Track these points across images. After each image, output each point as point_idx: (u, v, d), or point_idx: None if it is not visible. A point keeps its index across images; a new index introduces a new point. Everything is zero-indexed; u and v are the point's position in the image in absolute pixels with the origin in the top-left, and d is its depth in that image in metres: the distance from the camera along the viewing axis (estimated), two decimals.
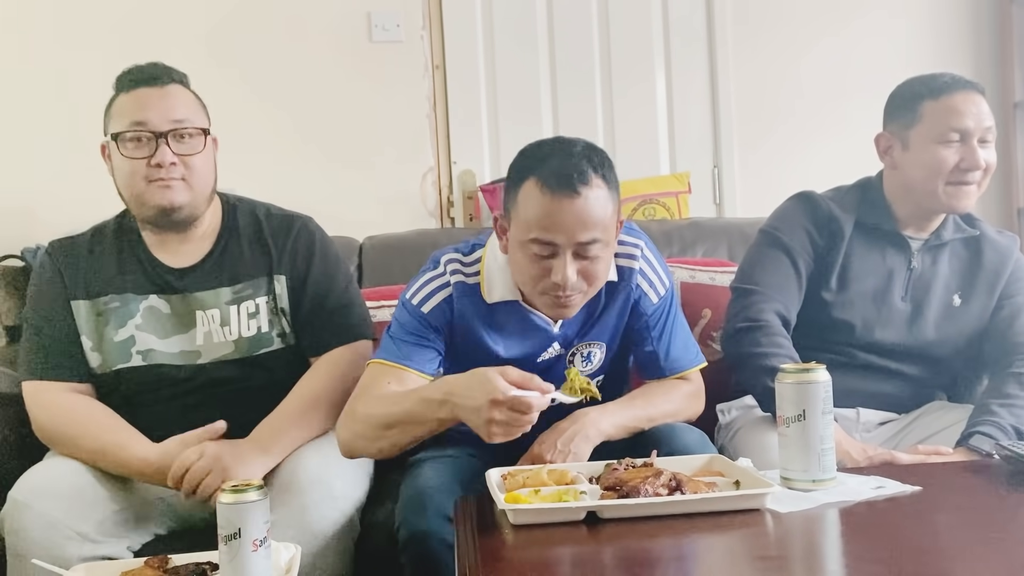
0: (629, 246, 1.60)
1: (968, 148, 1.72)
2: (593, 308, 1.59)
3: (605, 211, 1.43)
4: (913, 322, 1.81)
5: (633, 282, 1.59)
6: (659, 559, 1.18)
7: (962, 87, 1.74)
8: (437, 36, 2.85)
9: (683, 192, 2.72)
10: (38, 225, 2.55)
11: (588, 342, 1.61)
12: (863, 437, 1.79)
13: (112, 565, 1.36)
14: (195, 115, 1.66)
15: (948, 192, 1.74)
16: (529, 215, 1.42)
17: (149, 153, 1.60)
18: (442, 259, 1.58)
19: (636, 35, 2.91)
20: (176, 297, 1.68)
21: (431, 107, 2.84)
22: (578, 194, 1.40)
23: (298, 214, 1.80)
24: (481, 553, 1.16)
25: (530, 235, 1.42)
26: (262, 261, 1.72)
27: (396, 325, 1.57)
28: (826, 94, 2.91)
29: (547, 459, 1.47)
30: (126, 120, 1.61)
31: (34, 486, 1.49)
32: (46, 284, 1.69)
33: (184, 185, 1.63)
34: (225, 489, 1.17)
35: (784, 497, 1.29)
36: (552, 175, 1.41)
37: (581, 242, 1.42)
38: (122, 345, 1.66)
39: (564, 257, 1.42)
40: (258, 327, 1.70)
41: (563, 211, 1.40)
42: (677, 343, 1.64)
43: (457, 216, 2.85)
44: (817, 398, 1.34)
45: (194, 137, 1.64)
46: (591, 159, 1.44)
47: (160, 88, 1.63)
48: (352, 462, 1.61)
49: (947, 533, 1.23)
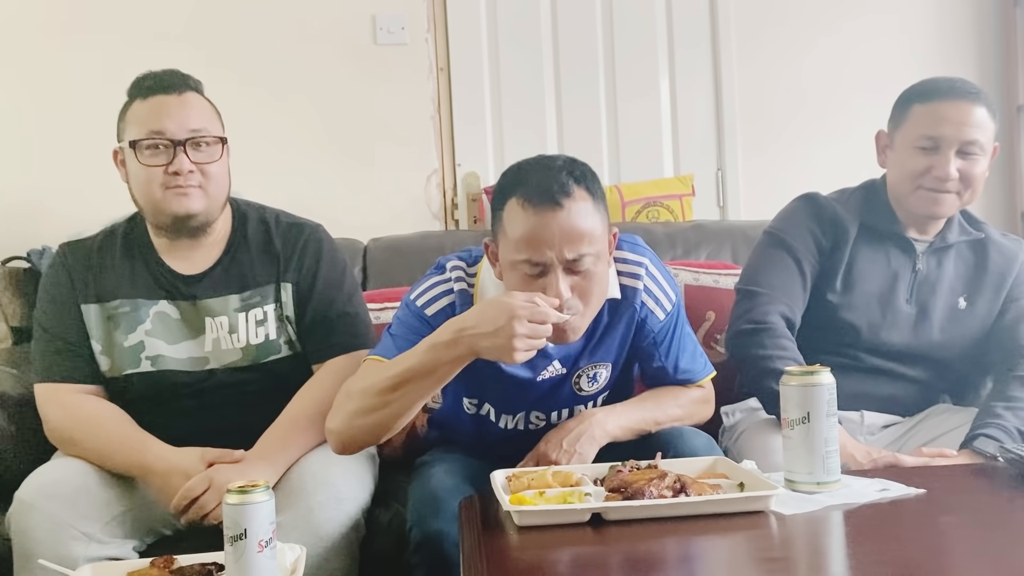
0: (633, 264, 1.57)
1: (941, 157, 1.71)
2: (595, 327, 1.54)
3: (591, 222, 1.40)
4: (918, 325, 1.80)
5: (638, 301, 1.55)
6: (664, 561, 1.18)
7: (957, 95, 1.71)
8: (441, 38, 2.85)
9: (687, 195, 2.72)
10: (43, 226, 2.55)
11: (594, 363, 1.59)
12: (867, 440, 1.78)
13: (118, 566, 1.36)
14: (212, 123, 1.67)
15: (920, 196, 1.75)
16: (516, 234, 1.40)
17: (167, 161, 1.61)
18: (448, 265, 1.57)
19: (640, 37, 2.91)
20: (186, 303, 1.69)
21: (435, 109, 2.84)
22: (560, 207, 1.38)
23: (308, 221, 1.80)
24: (486, 554, 1.16)
25: (519, 255, 1.40)
26: (270, 269, 1.73)
27: (397, 324, 1.55)
28: (830, 96, 2.91)
29: (552, 458, 1.47)
30: (144, 128, 1.62)
31: (40, 487, 1.50)
32: (56, 286, 1.70)
33: (201, 192, 1.64)
34: (231, 490, 1.18)
35: (788, 499, 1.29)
36: (533, 191, 1.39)
37: (569, 258, 1.39)
38: (131, 350, 1.67)
39: (555, 274, 1.39)
40: (266, 334, 1.70)
41: (547, 226, 1.37)
42: (686, 356, 1.63)
43: (461, 219, 2.85)
44: (822, 400, 1.34)
45: (211, 145, 1.65)
46: (572, 172, 1.41)
47: (177, 96, 1.63)
48: (358, 464, 1.62)
49: (951, 535, 1.23)
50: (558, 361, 1.56)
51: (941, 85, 1.74)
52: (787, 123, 2.92)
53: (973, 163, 1.72)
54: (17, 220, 2.61)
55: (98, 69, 2.66)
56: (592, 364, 1.58)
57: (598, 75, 2.91)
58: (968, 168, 1.72)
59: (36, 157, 2.67)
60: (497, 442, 1.63)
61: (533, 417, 1.63)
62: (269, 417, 1.63)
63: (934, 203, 1.74)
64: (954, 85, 1.74)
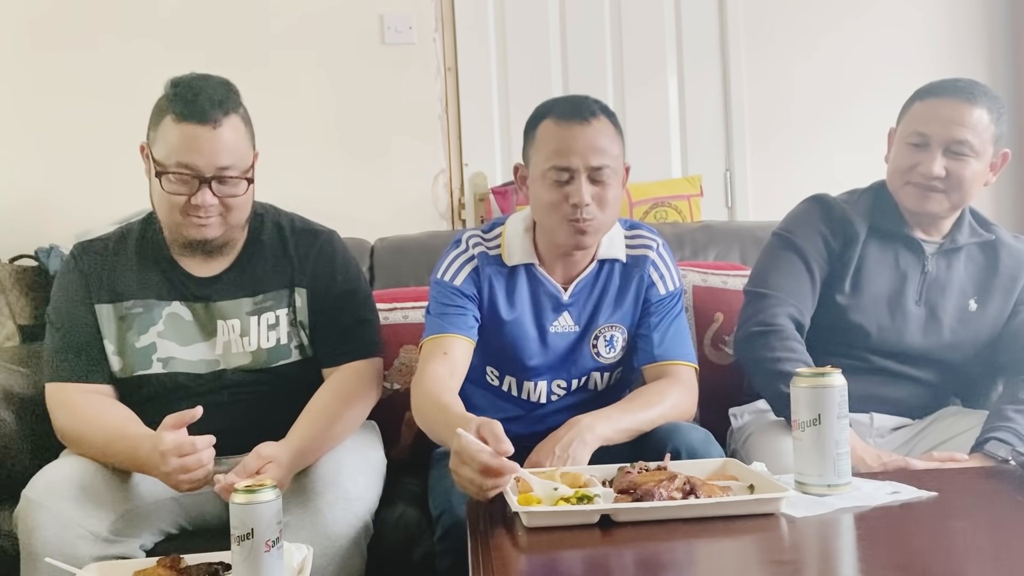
0: (647, 238, 1.74)
1: (928, 154, 1.70)
2: (607, 288, 1.70)
3: (613, 143, 1.61)
4: (927, 326, 1.79)
5: (647, 268, 1.71)
6: (672, 563, 1.18)
7: (954, 94, 1.70)
8: (449, 38, 2.85)
9: (695, 195, 2.71)
10: (51, 225, 2.56)
11: (611, 324, 1.70)
12: (877, 442, 1.78)
13: (125, 564, 1.36)
14: (242, 157, 1.61)
15: (908, 192, 1.75)
16: (548, 147, 1.60)
17: (190, 192, 1.59)
18: (463, 237, 1.72)
19: (648, 38, 2.91)
20: (199, 306, 1.69)
21: (443, 109, 2.84)
22: (588, 122, 1.59)
23: (323, 228, 1.80)
24: (495, 555, 1.15)
25: (548, 164, 1.59)
26: (284, 274, 1.73)
27: (433, 303, 1.69)
28: (839, 97, 2.90)
29: (546, 466, 1.48)
30: (172, 158, 1.58)
31: (48, 485, 1.49)
32: (70, 286, 1.69)
33: (220, 221, 1.63)
34: (238, 489, 1.17)
35: (799, 502, 1.28)
36: (566, 110, 1.62)
37: (594, 166, 1.58)
38: (143, 351, 1.66)
39: (580, 181, 1.58)
40: (277, 339, 1.70)
41: (576, 137, 1.58)
42: (673, 335, 1.71)
43: (468, 218, 2.84)
44: (833, 402, 1.33)
45: (239, 181, 1.62)
46: (598, 102, 1.65)
47: (212, 129, 1.57)
48: (366, 464, 1.64)
49: (962, 539, 1.22)
50: (568, 314, 1.69)
51: (946, 84, 1.74)
52: (796, 123, 2.91)
53: (962, 164, 1.70)
54: (25, 218, 2.62)
55: (105, 67, 2.66)
56: (609, 325, 1.70)
57: (606, 75, 2.91)
58: (957, 169, 1.70)
59: (43, 156, 2.67)
60: (516, 428, 1.62)
61: (555, 386, 1.72)
62: (278, 420, 1.62)
63: (921, 199, 1.74)
64: (957, 84, 1.72)
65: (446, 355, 1.61)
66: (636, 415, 1.57)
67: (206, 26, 2.72)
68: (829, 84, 2.90)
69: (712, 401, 1.88)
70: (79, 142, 2.64)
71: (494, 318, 1.68)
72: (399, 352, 2.06)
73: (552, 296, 1.69)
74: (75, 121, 2.65)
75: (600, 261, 1.71)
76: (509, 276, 1.69)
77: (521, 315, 1.68)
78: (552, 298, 1.69)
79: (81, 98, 2.65)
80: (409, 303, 2.11)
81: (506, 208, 2.65)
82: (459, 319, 1.65)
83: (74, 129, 2.65)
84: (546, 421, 1.67)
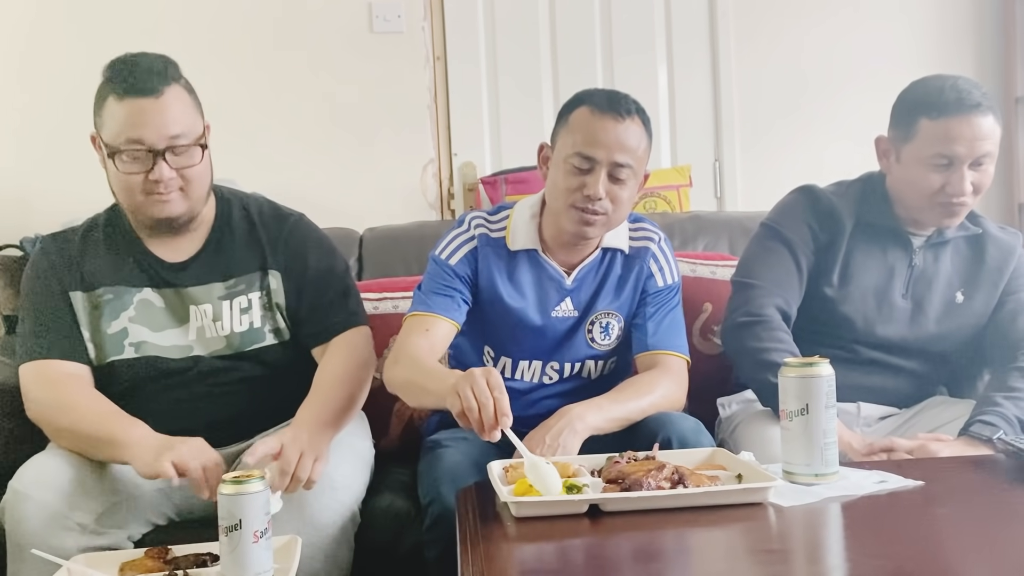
0: (650, 231, 1.78)
1: (956, 174, 1.68)
2: (608, 275, 1.73)
3: (640, 145, 1.63)
4: (913, 318, 1.80)
5: (647, 260, 1.74)
6: (661, 552, 1.18)
7: (965, 110, 1.66)
8: (438, 27, 2.84)
9: (684, 185, 2.71)
10: (36, 214, 2.54)
11: (608, 311, 1.73)
12: (864, 432, 1.78)
13: (112, 555, 1.36)
14: (191, 126, 1.60)
15: (936, 212, 1.74)
16: (580, 132, 1.61)
17: (146, 168, 1.57)
18: (467, 218, 1.75)
19: (638, 27, 2.90)
20: (170, 291, 1.68)
21: (432, 98, 2.83)
22: (622, 119, 1.61)
23: (291, 211, 1.79)
24: (483, 546, 1.15)
25: (574, 150, 1.61)
26: (255, 256, 1.72)
27: (426, 279, 1.72)
28: (828, 88, 2.90)
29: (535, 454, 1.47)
30: (121, 136, 1.56)
31: (34, 476, 1.48)
32: (42, 276, 1.67)
33: (181, 195, 1.61)
34: (226, 480, 1.17)
35: (786, 491, 1.29)
36: (604, 101, 1.63)
37: (617, 162, 1.60)
38: (115, 337, 1.65)
39: (599, 173, 1.60)
40: (250, 323, 1.69)
41: (607, 130, 1.60)
42: (667, 326, 1.73)
43: (458, 208, 2.84)
44: (821, 392, 1.34)
45: (191, 149, 1.60)
46: (636, 103, 1.66)
47: (155, 100, 1.55)
48: (353, 454, 1.63)
49: (949, 527, 1.23)
50: (570, 299, 1.72)
51: (948, 98, 1.67)
52: (785, 114, 2.91)
53: (985, 172, 1.71)
54: (9, 208, 2.60)
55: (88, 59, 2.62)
56: (606, 311, 1.73)
57: (595, 65, 2.90)
58: (980, 178, 1.71)
59: (28, 146, 2.66)
60: None
61: (549, 369, 1.74)
62: (256, 403, 1.62)
63: (950, 216, 1.74)
64: (961, 97, 1.67)
65: (428, 332, 1.64)
66: (626, 404, 1.58)
67: (194, 15, 2.70)
68: (819, 75, 2.91)
69: (700, 391, 1.88)
70: (64, 133, 2.61)
71: (495, 300, 1.70)
72: (389, 342, 2.05)
73: (555, 280, 1.72)
74: (60, 112, 2.62)
75: (604, 250, 1.74)
76: (510, 260, 1.71)
77: (525, 299, 1.70)
78: (555, 283, 1.72)
79: (66, 89, 2.62)
80: (399, 293, 2.10)
81: (495, 198, 2.65)
82: (447, 300, 1.67)
83: (59, 120, 2.62)
84: (537, 406, 1.69)
